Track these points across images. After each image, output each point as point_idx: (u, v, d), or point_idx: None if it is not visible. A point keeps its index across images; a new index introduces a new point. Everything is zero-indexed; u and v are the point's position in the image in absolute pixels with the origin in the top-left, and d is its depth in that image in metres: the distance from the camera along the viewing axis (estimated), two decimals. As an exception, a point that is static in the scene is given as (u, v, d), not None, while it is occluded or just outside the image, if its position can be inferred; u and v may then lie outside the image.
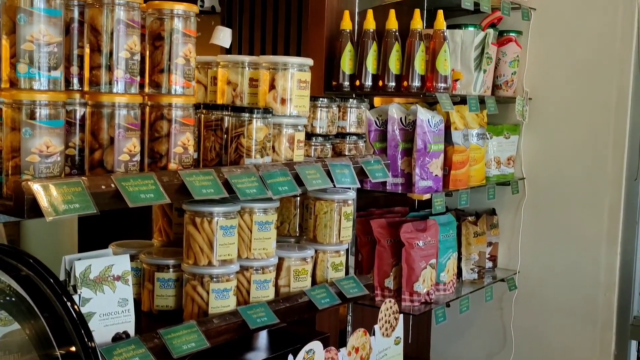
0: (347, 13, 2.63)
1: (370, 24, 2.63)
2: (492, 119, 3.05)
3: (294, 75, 1.84)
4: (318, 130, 2.01)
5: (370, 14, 2.63)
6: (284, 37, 2.76)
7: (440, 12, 2.60)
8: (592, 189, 3.00)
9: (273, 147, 1.84)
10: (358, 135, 2.15)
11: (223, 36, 2.86)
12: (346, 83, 2.66)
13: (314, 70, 2.02)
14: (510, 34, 3.04)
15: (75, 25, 1.50)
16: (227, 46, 2.88)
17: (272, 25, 2.78)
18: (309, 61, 1.88)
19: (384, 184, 2.65)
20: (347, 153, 2.10)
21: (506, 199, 3.16)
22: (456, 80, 2.78)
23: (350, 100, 2.16)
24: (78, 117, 1.51)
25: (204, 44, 2.96)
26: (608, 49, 2.93)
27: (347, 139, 2.11)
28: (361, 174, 2.04)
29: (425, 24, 2.84)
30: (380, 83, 2.63)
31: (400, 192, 2.67)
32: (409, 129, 2.67)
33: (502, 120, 3.13)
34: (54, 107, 1.36)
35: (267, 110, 1.78)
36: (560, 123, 3.06)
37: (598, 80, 2.96)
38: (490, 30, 2.91)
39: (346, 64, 2.65)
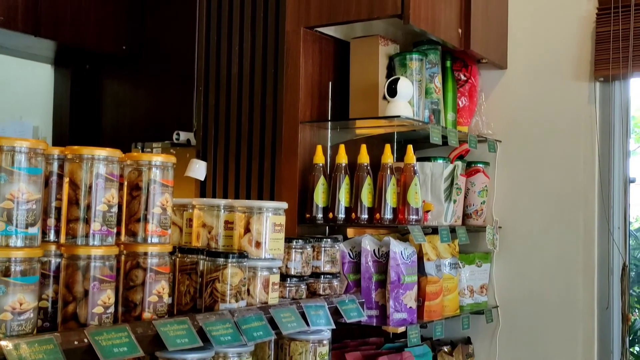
0: (319, 147, 2.70)
1: (343, 158, 2.70)
2: (463, 248, 3.09)
3: (269, 218, 1.87)
4: (292, 272, 2.02)
5: (342, 148, 2.71)
6: (258, 171, 2.81)
7: (410, 147, 2.68)
8: (565, 318, 3.01)
9: (248, 290, 1.84)
10: (332, 274, 2.16)
11: (198, 169, 2.91)
12: (319, 215, 2.70)
13: (287, 203, 2.05)
14: (478, 165, 3.14)
15: (54, 178, 1.52)
16: (202, 179, 2.93)
17: (246, 159, 2.84)
18: (284, 205, 1.92)
19: (358, 316, 2.63)
20: (321, 292, 2.10)
21: (481, 328, 3.15)
22: (427, 211, 2.84)
23: (324, 240, 2.19)
24: (52, 269, 1.50)
25: (178, 176, 3.01)
26: (572, 180, 3.03)
27: (322, 278, 2.12)
28: (336, 314, 2.04)
29: (395, 157, 2.93)
30: (353, 215, 2.67)
31: (375, 324, 2.65)
32: (382, 261, 2.69)
33: (474, 248, 3.17)
34: (29, 263, 1.36)
35: (242, 255, 1.79)
36: (531, 251, 3.12)
37: (564, 210, 3.04)
38: (459, 162, 3.01)
39: (319, 197, 2.69)
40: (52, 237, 1.52)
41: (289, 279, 2.00)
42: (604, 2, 2.95)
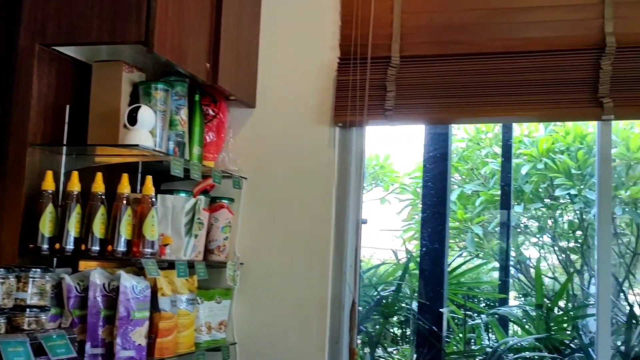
0: (49, 173, 2.52)
1: (75, 185, 2.54)
2: (205, 284, 3.05)
3: (-38, 243, 1.68)
4: (-10, 304, 1.83)
5: (74, 175, 2.55)
6: (-23, 195, 2.56)
7: (149, 178, 2.61)
8: (299, 353, 3.09)
9: None
10: (40, 307, 1.99)
11: None
12: (45, 246, 2.49)
13: (8, 233, 1.86)
14: (223, 200, 3.14)
15: None
16: None
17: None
18: (-19, 229, 1.74)
19: (80, 354, 2.46)
20: (26, 327, 1.93)
21: (218, 365, 3.12)
22: (165, 245, 2.77)
23: (33, 270, 2.02)
24: None
25: None
26: (311, 220, 3.14)
27: (27, 312, 1.95)
28: (40, 352, 1.88)
29: (139, 189, 2.83)
30: (84, 247, 2.51)
31: (99, 364, 2.50)
32: (113, 296, 2.56)
33: (215, 284, 3.15)
34: None
35: None
36: (271, 289, 3.16)
37: (303, 248, 3.14)
38: (202, 197, 2.99)
39: (46, 226, 2.50)
40: None
41: (-16, 312, 1.81)
42: (344, 53, 3.14)
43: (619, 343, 3.49)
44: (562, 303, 4.66)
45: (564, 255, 5.79)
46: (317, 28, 3.21)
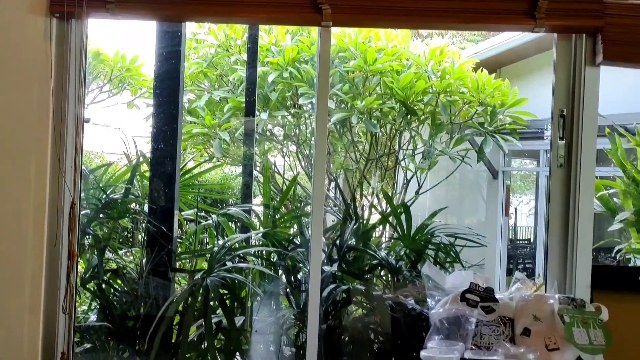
0: None
1: None
2: None
3: None
4: None
5: None
6: None
7: None
8: (14, 258, 2.93)
9: None
10: None
11: None
12: None
13: None
14: None
15: None
16: None
17: None
18: None
19: None
20: None
21: None
22: None
23: None
24: None
25: None
26: (25, 119, 2.92)
27: None
28: None
29: None
30: None
31: None
32: None
33: None
34: None
35: None
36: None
37: (15, 151, 2.92)
38: None
39: None
40: None
41: None
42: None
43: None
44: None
45: (305, 162, 6.13)
46: None
